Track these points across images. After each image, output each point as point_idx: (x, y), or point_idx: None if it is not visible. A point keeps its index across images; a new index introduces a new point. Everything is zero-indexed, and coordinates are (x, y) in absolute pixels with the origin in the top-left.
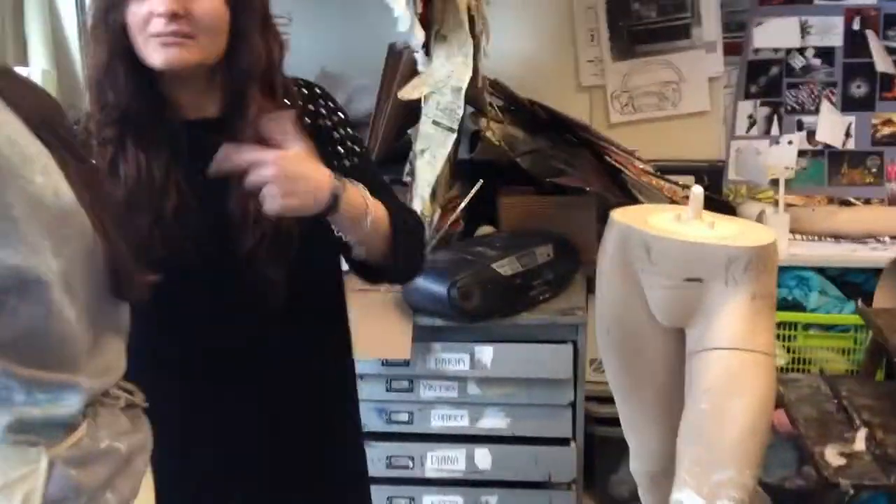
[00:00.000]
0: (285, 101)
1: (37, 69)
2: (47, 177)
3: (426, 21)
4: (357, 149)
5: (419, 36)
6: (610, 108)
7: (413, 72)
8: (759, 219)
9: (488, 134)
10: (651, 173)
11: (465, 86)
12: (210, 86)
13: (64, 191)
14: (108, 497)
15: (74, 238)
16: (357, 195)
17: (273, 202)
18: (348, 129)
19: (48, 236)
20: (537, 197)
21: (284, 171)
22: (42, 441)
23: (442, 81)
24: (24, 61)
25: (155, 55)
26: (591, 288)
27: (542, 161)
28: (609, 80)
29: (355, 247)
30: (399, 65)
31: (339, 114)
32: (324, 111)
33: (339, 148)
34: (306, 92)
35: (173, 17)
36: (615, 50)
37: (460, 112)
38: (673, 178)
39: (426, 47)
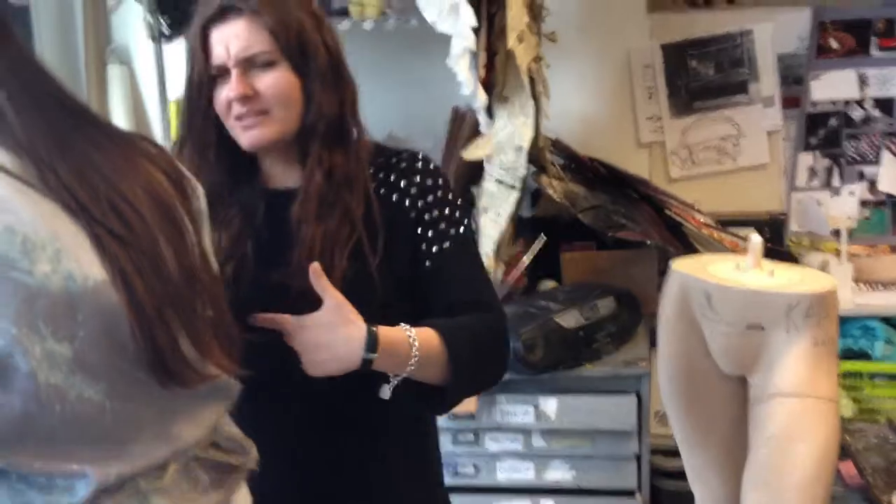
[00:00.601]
0: (360, 156)
1: None
2: (57, 264)
3: (488, 84)
4: (453, 231)
5: (482, 98)
6: (669, 164)
7: (476, 133)
8: (823, 269)
9: (550, 191)
10: (712, 226)
11: (526, 145)
12: (292, 156)
13: (85, 274)
14: None
15: (93, 318)
16: (400, 341)
17: (305, 365)
18: (445, 211)
19: (49, 323)
20: (599, 252)
21: (306, 341)
22: None
23: (504, 141)
24: None
25: (241, 138)
26: (653, 340)
27: (603, 216)
28: (668, 136)
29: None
30: (463, 126)
31: (438, 193)
32: (413, 190)
33: (429, 231)
34: (399, 163)
35: (245, 99)
36: (673, 106)
37: (523, 171)
38: (734, 230)
39: (489, 109)
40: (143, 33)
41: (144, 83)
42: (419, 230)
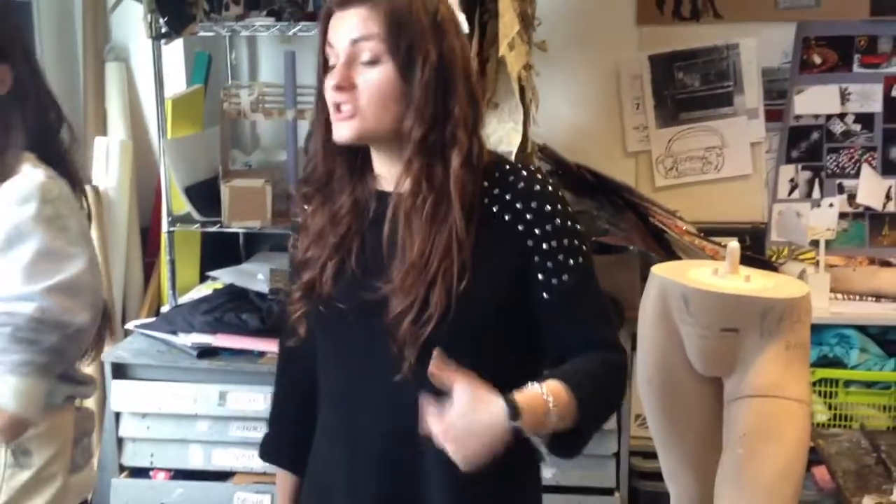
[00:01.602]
0: (474, 174)
1: (115, 139)
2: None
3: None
4: (573, 262)
5: None
6: (655, 173)
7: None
8: (801, 278)
9: None
10: (694, 234)
11: (514, 150)
12: (396, 159)
13: None
14: None
15: None
16: (538, 405)
17: (460, 463)
18: (565, 241)
19: None
20: None
21: (453, 439)
22: None
23: (493, 146)
24: (102, 132)
25: (334, 129)
26: (635, 344)
27: (588, 221)
28: (654, 146)
29: None
30: None
31: (557, 220)
32: (528, 215)
33: (548, 262)
34: (517, 183)
35: (342, 89)
36: (660, 117)
37: None
38: (716, 238)
39: None
40: (142, 32)
41: (141, 81)
42: (536, 258)
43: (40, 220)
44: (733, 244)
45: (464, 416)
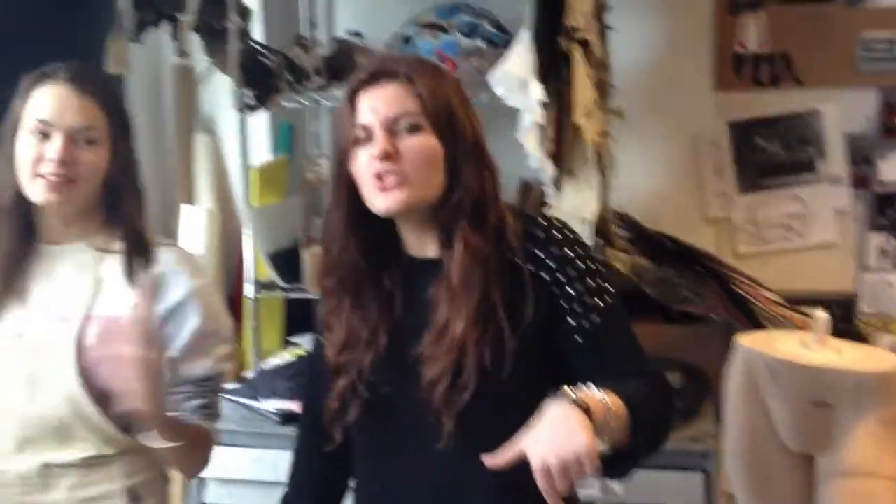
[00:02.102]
0: (499, 235)
1: (202, 209)
2: None
3: (556, 157)
4: (600, 303)
5: (549, 171)
6: (737, 240)
7: (543, 205)
8: (894, 350)
9: (616, 264)
10: (780, 303)
11: (591, 217)
12: (431, 225)
13: None
14: None
15: None
16: (594, 399)
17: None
18: (588, 281)
19: None
20: (665, 325)
21: (539, 451)
22: None
23: (570, 214)
24: (189, 200)
25: (377, 200)
26: (721, 417)
27: (669, 290)
28: (735, 213)
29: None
30: (530, 198)
31: (578, 263)
32: (551, 263)
33: (575, 306)
34: (537, 233)
35: (387, 157)
36: (741, 183)
37: (589, 243)
38: (802, 308)
39: (556, 182)
40: (229, 104)
41: (228, 151)
42: (564, 304)
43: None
44: (822, 314)
45: (535, 433)
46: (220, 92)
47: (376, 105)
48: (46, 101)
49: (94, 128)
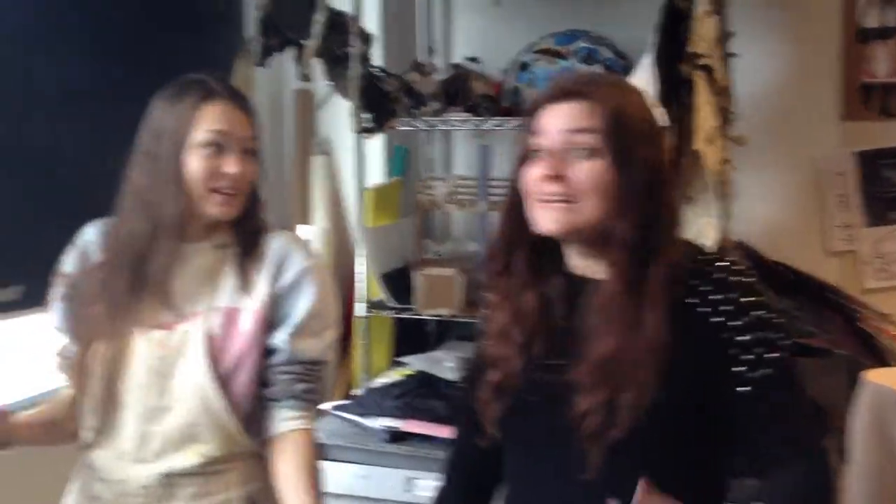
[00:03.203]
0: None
1: (318, 228)
2: None
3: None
4: (770, 356)
5: None
6: (863, 274)
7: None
8: None
9: None
10: None
11: (710, 245)
12: (596, 247)
13: None
14: None
15: None
16: None
17: None
18: (762, 334)
19: None
20: None
21: None
22: None
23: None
24: (305, 220)
25: (539, 219)
26: (842, 457)
27: (789, 322)
28: (861, 246)
29: None
30: None
31: (753, 313)
32: (724, 307)
33: (744, 356)
34: (711, 272)
35: (554, 179)
36: (867, 215)
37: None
38: None
39: None
40: (347, 126)
41: (343, 173)
42: (731, 351)
43: None
44: None
45: None
46: (338, 115)
47: (556, 120)
48: (219, 117)
49: (255, 140)
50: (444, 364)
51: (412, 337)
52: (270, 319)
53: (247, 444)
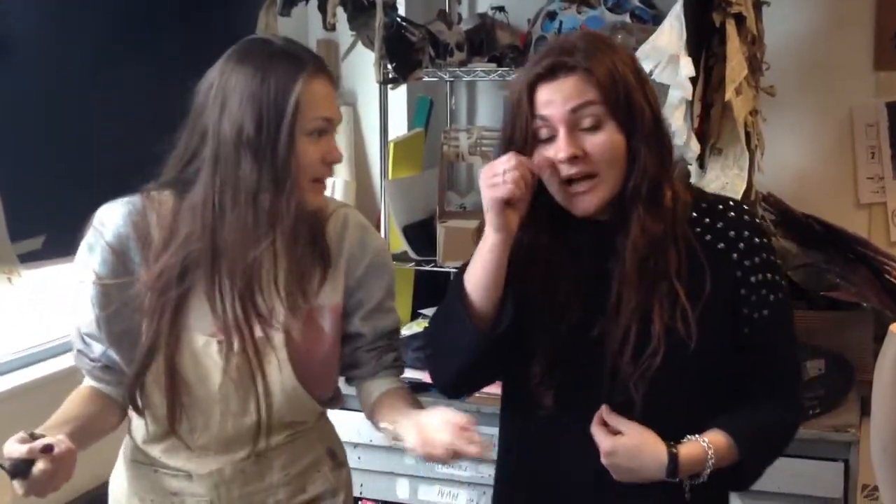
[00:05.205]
0: (674, 212)
1: (340, 180)
2: None
3: (701, 135)
4: (773, 297)
5: (695, 149)
6: (891, 226)
7: (685, 184)
8: None
9: None
10: None
11: (739, 197)
12: (603, 209)
13: None
14: None
15: None
16: (698, 458)
17: (613, 475)
18: (768, 275)
19: None
20: (810, 311)
21: (615, 466)
22: None
23: (717, 192)
24: None
25: (572, 204)
26: (864, 409)
27: (816, 275)
28: (890, 198)
29: None
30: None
31: (764, 254)
32: (742, 245)
33: (752, 295)
34: (725, 211)
35: (574, 160)
36: None
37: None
38: None
39: (700, 160)
40: (370, 77)
41: (367, 124)
42: (742, 291)
43: None
44: None
45: (629, 449)
46: (362, 65)
47: (555, 100)
48: (325, 100)
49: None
50: None
51: (434, 289)
52: (346, 308)
53: (320, 410)
